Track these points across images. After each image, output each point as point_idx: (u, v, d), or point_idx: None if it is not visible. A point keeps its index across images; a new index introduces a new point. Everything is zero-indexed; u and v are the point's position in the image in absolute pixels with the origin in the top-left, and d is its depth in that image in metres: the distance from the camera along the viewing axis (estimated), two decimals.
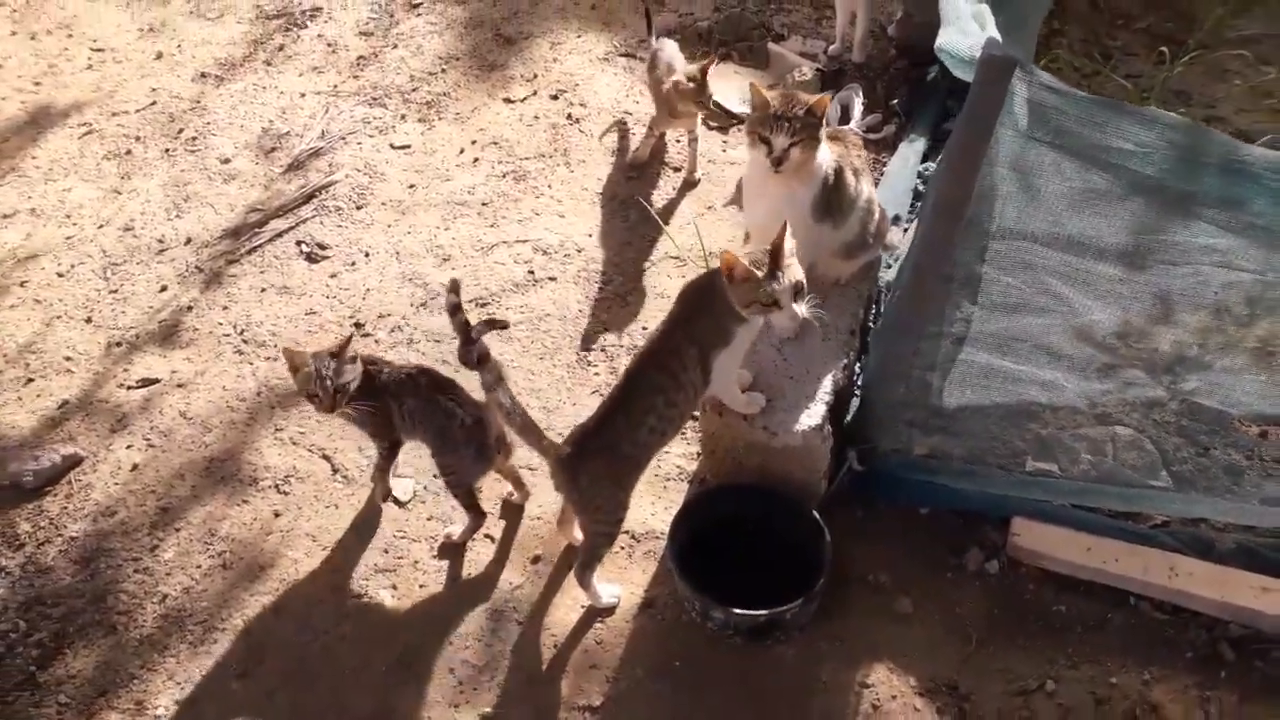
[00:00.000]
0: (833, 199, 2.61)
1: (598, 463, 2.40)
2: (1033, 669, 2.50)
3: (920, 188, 3.66)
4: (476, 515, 2.74)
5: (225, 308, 3.47)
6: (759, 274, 2.24)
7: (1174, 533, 2.69)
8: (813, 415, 2.63)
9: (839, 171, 2.61)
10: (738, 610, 2.47)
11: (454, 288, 2.43)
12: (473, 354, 2.38)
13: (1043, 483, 2.76)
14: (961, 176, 2.20)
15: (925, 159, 3.80)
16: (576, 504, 2.50)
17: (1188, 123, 2.00)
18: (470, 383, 2.58)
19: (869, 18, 4.13)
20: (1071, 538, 2.65)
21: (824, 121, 2.51)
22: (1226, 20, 4.33)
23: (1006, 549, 2.69)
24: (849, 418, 2.87)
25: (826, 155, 2.56)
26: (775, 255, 2.25)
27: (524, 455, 2.84)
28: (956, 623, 2.60)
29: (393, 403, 2.62)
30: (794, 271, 2.27)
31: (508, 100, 4.21)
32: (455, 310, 2.41)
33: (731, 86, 4.20)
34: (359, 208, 3.80)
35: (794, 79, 4.13)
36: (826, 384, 2.69)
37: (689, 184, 3.80)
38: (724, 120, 4.10)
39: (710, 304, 2.37)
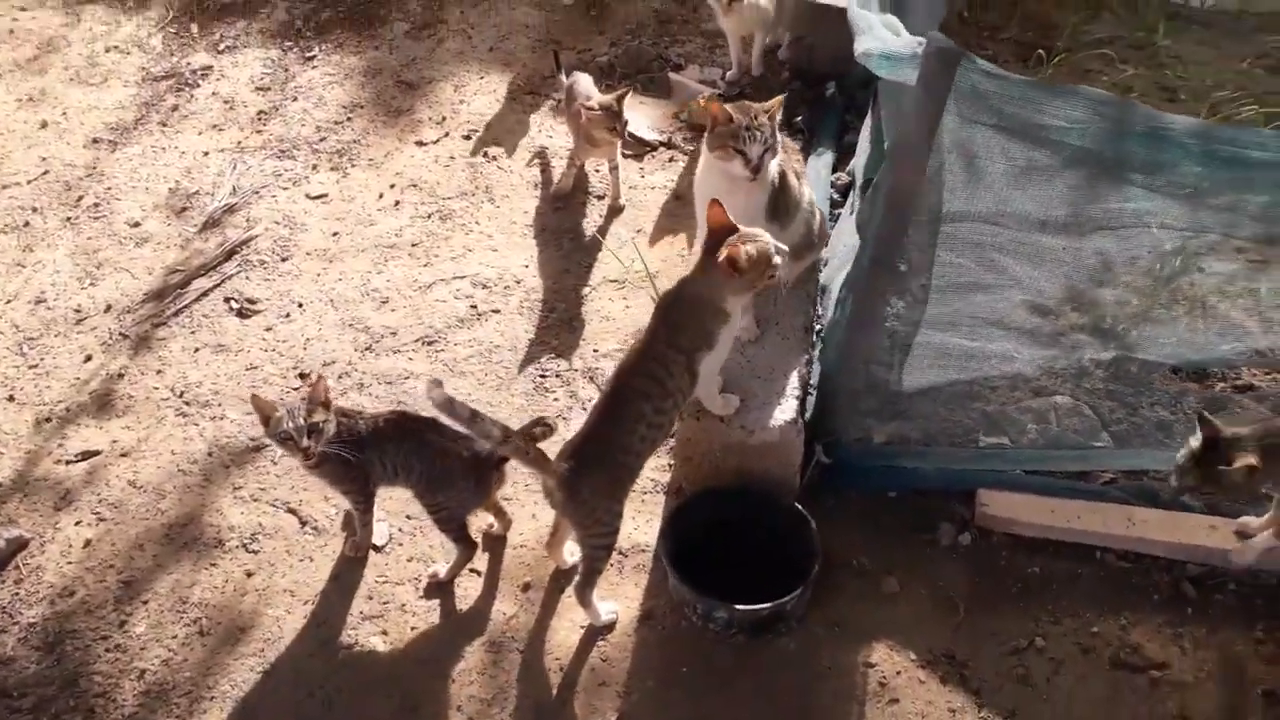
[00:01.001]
0: (779, 201, 2.73)
1: (596, 475, 2.42)
2: (1020, 629, 2.63)
3: (835, 196, 3.83)
4: (467, 547, 2.71)
5: (159, 371, 3.34)
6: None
7: (1122, 487, 2.87)
8: (785, 410, 2.72)
9: (783, 175, 2.74)
10: (741, 606, 2.52)
11: (434, 384, 2.30)
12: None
13: (998, 454, 2.93)
14: (912, 166, 2.34)
15: (834, 169, 3.98)
16: (576, 519, 2.50)
17: (1113, 97, 2.19)
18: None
19: (764, 40, 4.32)
20: (1035, 502, 2.80)
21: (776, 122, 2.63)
22: (1080, 26, 4.71)
23: (975, 520, 2.83)
24: (808, 414, 2.97)
25: (775, 159, 2.68)
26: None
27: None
28: (942, 595, 2.71)
29: (373, 454, 2.58)
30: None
31: (420, 143, 4.21)
32: (449, 404, 2.28)
33: (640, 116, 4.32)
34: (284, 259, 3.73)
35: (699, 105, 4.27)
36: (793, 380, 2.79)
37: (615, 210, 3.88)
38: (638, 148, 4.20)
39: (689, 310, 2.44)
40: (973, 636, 2.62)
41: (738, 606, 2.52)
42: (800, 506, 2.69)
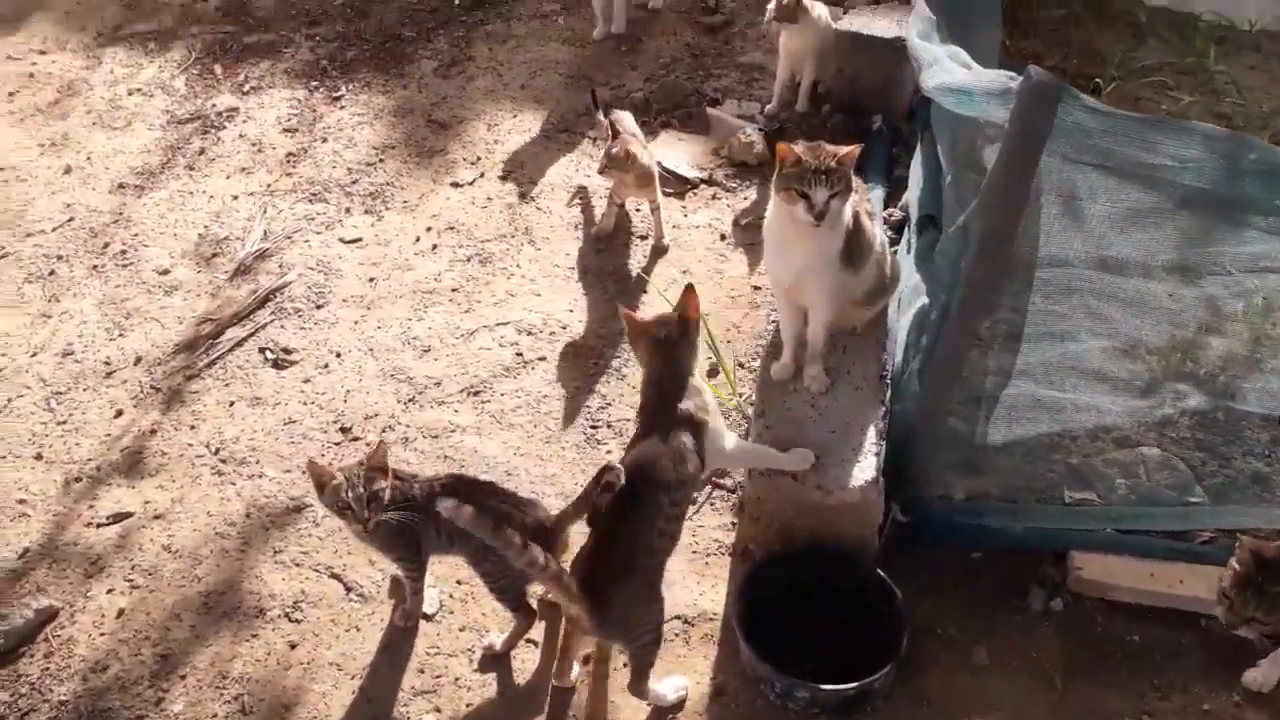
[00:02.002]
0: (853, 244, 2.58)
1: (624, 588, 2.26)
2: (1125, 705, 2.44)
3: (889, 234, 3.68)
4: (525, 616, 2.53)
5: (193, 427, 3.19)
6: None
7: (1223, 547, 2.68)
8: (865, 469, 2.55)
9: (856, 216, 2.59)
10: (826, 686, 2.34)
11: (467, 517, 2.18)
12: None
13: (1088, 512, 2.75)
14: (1006, 209, 2.19)
15: (885, 205, 3.84)
16: (613, 638, 2.35)
17: (1229, 133, 2.03)
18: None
19: (814, 73, 4.20)
20: (1133, 565, 2.62)
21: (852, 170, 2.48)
22: (1128, 54, 4.58)
23: (1069, 583, 2.65)
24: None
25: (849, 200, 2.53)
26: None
27: None
28: (1036, 667, 2.53)
29: (428, 520, 2.42)
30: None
31: (455, 184, 4.09)
32: (495, 531, 2.18)
33: (679, 153, 4.19)
34: (319, 307, 3.59)
35: (740, 141, 4.15)
36: (871, 434, 2.62)
37: (659, 251, 3.75)
38: (678, 186, 4.07)
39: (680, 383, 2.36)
40: (1073, 714, 2.44)
41: (822, 687, 2.34)
42: (883, 573, 2.51)
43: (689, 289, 2.43)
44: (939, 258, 2.62)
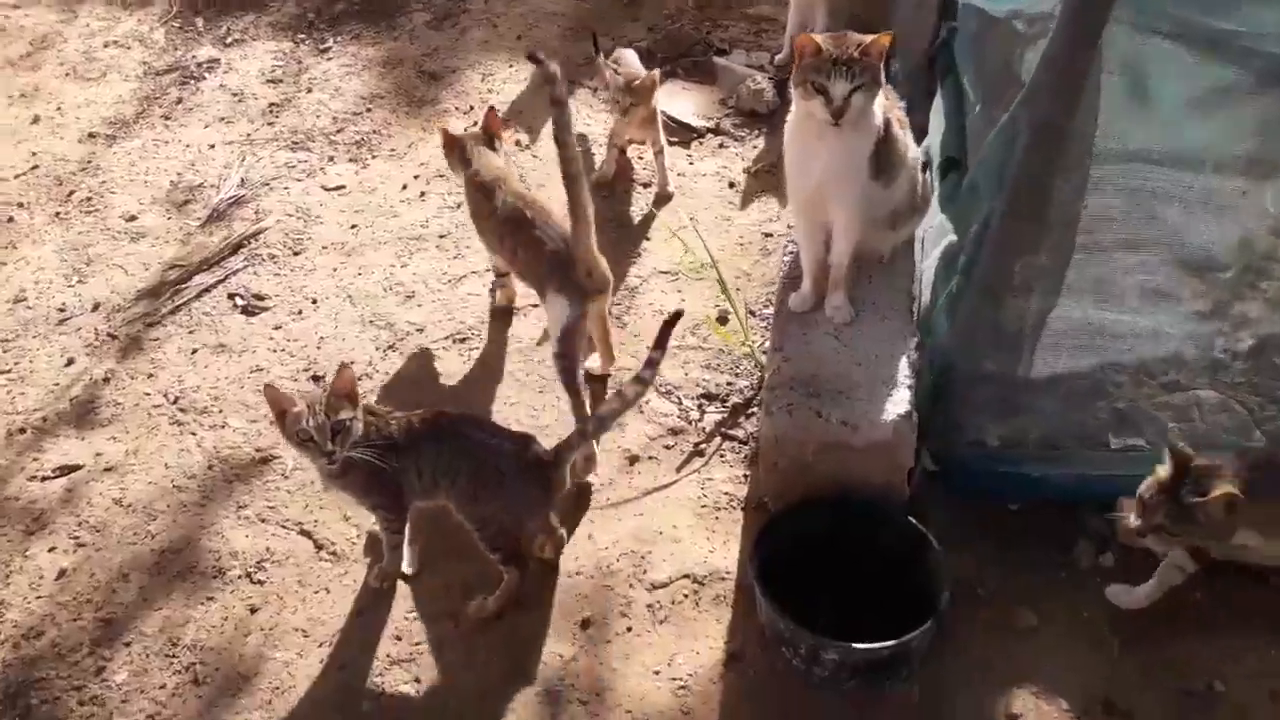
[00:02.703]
0: (883, 153, 2.31)
1: None
2: (1191, 668, 2.16)
3: None
4: (518, 569, 2.26)
5: (151, 375, 2.92)
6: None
7: None
8: (897, 402, 2.27)
9: (888, 123, 2.31)
10: (858, 645, 2.05)
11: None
12: None
13: (1138, 457, 2.46)
14: (1062, 92, 1.91)
15: None
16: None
17: None
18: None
19: (826, 26, 3.93)
20: None
21: (882, 64, 2.20)
22: None
23: (1119, 535, 2.36)
24: None
25: (879, 103, 2.26)
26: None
27: None
28: (1088, 629, 2.24)
29: (408, 460, 2.15)
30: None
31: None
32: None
33: (684, 103, 3.94)
34: (296, 253, 3.32)
35: (749, 88, 3.91)
36: (903, 365, 2.34)
37: (662, 198, 3.49)
38: (684, 134, 3.82)
39: None
40: (1133, 679, 2.15)
41: (854, 646, 2.05)
42: (915, 522, 2.23)
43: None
44: (978, 170, 2.34)
